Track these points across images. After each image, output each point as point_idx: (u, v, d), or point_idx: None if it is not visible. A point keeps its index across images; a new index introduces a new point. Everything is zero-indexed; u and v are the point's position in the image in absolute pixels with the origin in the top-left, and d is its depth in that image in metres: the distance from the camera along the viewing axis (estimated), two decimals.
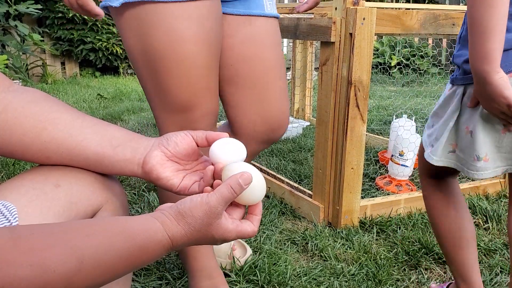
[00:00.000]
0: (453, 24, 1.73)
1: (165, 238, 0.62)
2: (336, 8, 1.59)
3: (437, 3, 7.08)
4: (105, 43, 5.39)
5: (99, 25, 5.37)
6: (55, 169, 0.74)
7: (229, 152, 0.73)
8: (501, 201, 1.93)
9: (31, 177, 0.72)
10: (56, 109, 0.74)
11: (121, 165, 0.75)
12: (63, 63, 5.58)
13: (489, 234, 1.67)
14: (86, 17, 5.19)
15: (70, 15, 5.13)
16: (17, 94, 0.72)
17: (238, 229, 0.69)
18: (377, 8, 1.58)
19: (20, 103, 0.71)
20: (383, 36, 5.85)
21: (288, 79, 5.79)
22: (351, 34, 1.55)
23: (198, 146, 0.77)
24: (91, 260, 0.55)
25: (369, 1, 1.62)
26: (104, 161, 0.74)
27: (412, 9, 1.69)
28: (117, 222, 0.61)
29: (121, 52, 5.52)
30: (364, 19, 1.53)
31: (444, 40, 6.22)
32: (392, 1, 6.57)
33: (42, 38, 4.61)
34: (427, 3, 6.79)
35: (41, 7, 4.46)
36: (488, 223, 1.72)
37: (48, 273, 0.51)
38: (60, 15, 5.18)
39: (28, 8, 4.08)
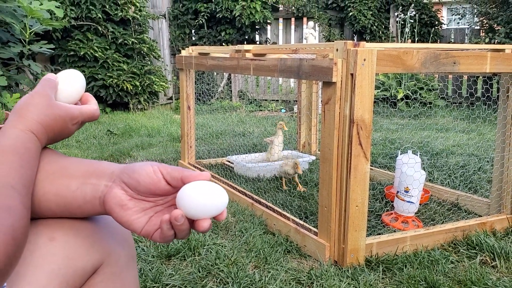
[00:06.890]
0: (454, 63, 1.76)
1: (21, 131, 0.66)
2: (337, 50, 1.63)
3: (442, 37, 7.17)
4: (116, 80, 5.51)
5: (110, 63, 5.49)
6: (51, 219, 0.68)
7: (200, 205, 0.59)
8: (509, 238, 1.91)
9: None
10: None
11: (87, 207, 0.68)
12: None
13: (497, 272, 1.65)
14: (97, 54, 5.33)
15: (82, 53, 5.26)
16: None
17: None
18: (378, 48, 1.62)
19: None
20: None
21: (294, 112, 5.84)
22: (352, 74, 1.59)
23: (170, 186, 0.66)
24: None
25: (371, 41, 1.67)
26: (70, 209, 0.68)
27: (412, 48, 1.73)
28: None
29: (131, 88, 5.63)
30: (364, 60, 1.57)
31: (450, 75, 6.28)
32: (396, 40, 6.67)
33: None
34: (431, 41, 6.88)
35: (54, 46, 4.58)
36: (495, 261, 1.71)
37: None
38: (72, 53, 5.33)
39: (41, 47, 4.20)
